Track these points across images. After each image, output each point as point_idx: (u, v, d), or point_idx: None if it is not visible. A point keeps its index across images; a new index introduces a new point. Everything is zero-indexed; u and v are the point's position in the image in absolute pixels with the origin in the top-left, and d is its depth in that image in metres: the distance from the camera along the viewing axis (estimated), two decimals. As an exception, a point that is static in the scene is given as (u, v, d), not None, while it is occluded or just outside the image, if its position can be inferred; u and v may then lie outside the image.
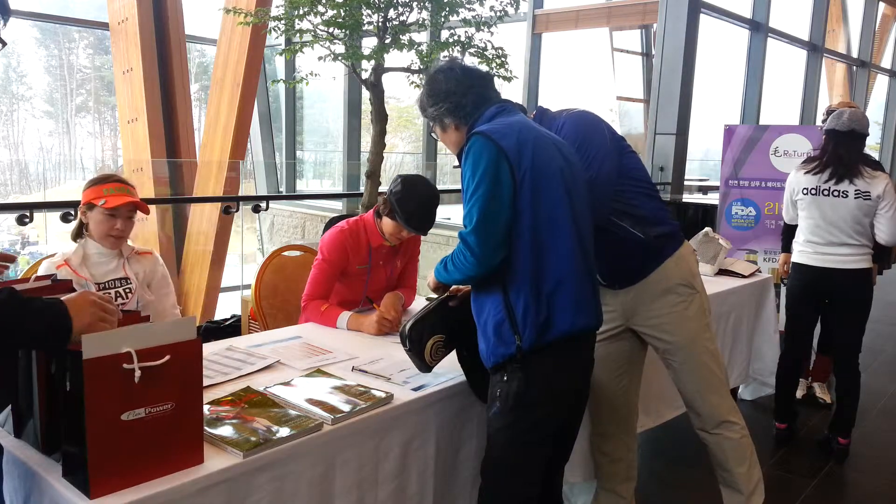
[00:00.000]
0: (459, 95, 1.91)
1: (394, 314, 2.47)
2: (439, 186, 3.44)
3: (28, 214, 3.31)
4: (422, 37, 6.30)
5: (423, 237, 2.76)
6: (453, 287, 2.02)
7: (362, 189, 5.82)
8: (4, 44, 1.34)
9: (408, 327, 1.93)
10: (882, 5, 12.09)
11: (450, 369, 2.01)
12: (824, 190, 3.24)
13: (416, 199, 2.47)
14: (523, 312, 1.75)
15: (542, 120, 2.26)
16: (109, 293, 2.36)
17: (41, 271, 2.34)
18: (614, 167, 2.21)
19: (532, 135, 1.81)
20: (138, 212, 2.44)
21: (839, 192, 3.20)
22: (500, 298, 1.78)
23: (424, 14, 5.83)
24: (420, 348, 1.93)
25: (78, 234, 2.44)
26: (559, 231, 1.80)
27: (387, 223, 2.58)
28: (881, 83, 13.11)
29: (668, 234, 2.28)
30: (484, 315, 1.82)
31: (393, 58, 5.86)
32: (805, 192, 3.30)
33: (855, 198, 3.17)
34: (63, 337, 1.28)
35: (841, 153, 3.20)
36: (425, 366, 1.96)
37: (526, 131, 1.81)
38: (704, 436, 2.38)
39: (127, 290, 2.44)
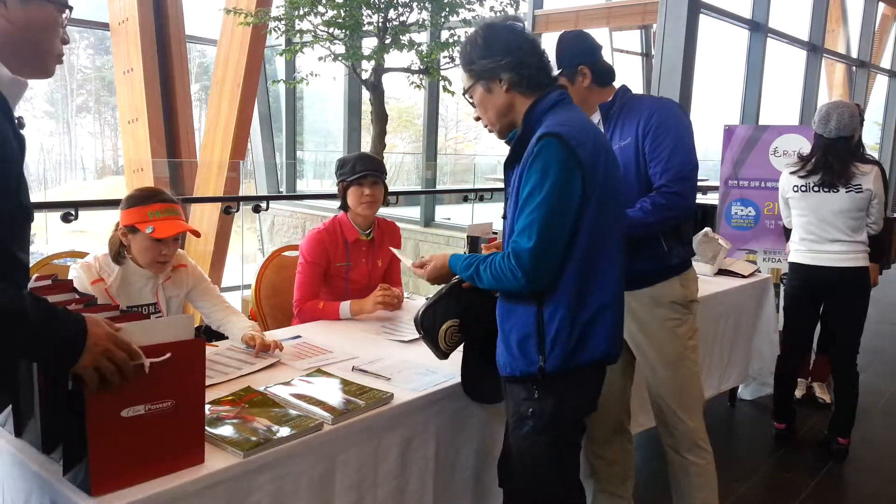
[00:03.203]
0: (526, 53, 1.71)
1: (396, 291, 2.57)
2: (439, 186, 3.46)
3: (28, 214, 3.30)
4: (422, 37, 6.31)
5: (406, 238, 2.80)
6: None
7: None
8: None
9: (420, 313, 1.87)
10: (882, 5, 12.08)
11: (449, 370, 2.01)
12: (814, 186, 3.24)
13: (353, 158, 2.71)
14: (555, 334, 1.64)
15: (624, 97, 2.24)
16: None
17: (71, 274, 2.15)
18: None
19: (602, 140, 1.69)
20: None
21: (828, 188, 3.21)
22: (533, 312, 1.66)
23: (424, 14, 5.85)
24: (434, 334, 1.88)
25: (118, 256, 2.17)
26: (612, 254, 1.69)
27: (351, 198, 2.70)
28: (881, 83, 13.10)
29: (686, 258, 2.30)
30: (509, 323, 1.72)
31: (393, 58, 5.87)
32: (795, 189, 3.30)
33: (846, 192, 3.18)
34: (65, 360, 1.20)
35: (831, 161, 3.20)
36: (441, 353, 1.91)
37: (599, 136, 1.69)
38: (673, 457, 2.36)
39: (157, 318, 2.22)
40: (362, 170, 2.64)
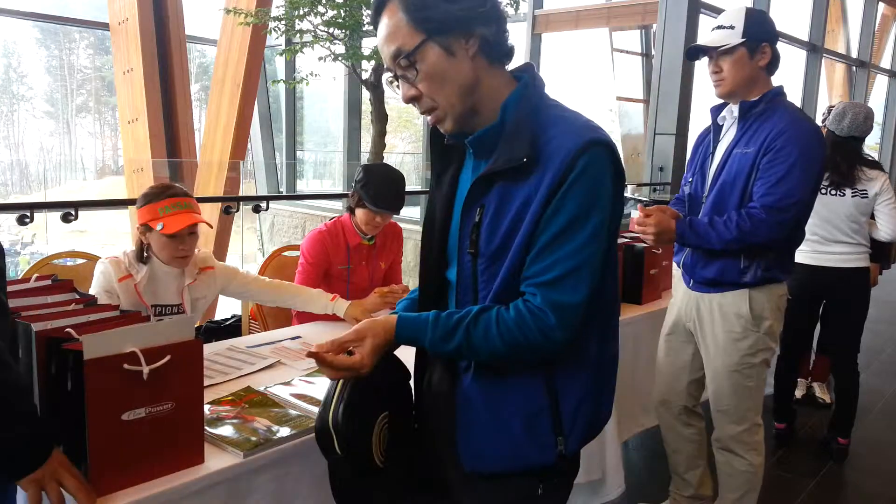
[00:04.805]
0: (500, 3, 1.21)
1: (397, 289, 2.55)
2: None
3: (28, 214, 3.30)
4: (422, 37, 6.31)
5: (406, 238, 2.78)
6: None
7: (362, 189, 5.82)
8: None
9: (336, 415, 1.20)
10: (882, 5, 12.07)
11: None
12: (821, 188, 3.24)
13: (379, 181, 2.55)
14: (577, 405, 1.22)
15: (772, 101, 2.12)
16: (163, 320, 2.14)
17: (98, 269, 2.13)
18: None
19: None
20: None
21: (836, 191, 3.21)
22: (541, 382, 1.21)
23: (424, 14, 5.84)
24: (366, 443, 1.23)
25: (142, 255, 2.18)
26: (617, 293, 1.32)
27: (359, 214, 2.64)
28: (881, 83, 13.09)
29: (766, 277, 2.15)
30: (506, 403, 1.23)
31: (393, 58, 5.86)
32: None
33: (852, 196, 3.19)
34: (17, 469, 1.16)
35: (837, 160, 3.20)
36: (372, 466, 1.26)
37: None
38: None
39: None
40: (381, 208, 2.57)
